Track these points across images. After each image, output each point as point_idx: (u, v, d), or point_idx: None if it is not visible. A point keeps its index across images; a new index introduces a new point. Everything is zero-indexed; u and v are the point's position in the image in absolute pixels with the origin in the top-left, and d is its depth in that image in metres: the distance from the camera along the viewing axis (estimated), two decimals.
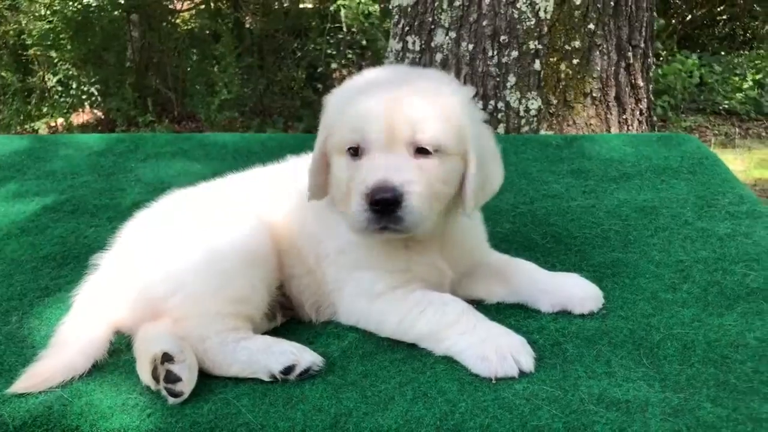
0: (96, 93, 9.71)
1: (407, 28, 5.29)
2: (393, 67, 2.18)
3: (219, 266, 2.01)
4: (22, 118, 9.37)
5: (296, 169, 2.29)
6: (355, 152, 1.96)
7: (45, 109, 9.49)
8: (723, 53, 10.89)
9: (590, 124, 4.94)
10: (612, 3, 4.94)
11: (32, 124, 9.30)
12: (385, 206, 1.85)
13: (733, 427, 1.59)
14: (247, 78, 9.75)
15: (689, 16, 11.37)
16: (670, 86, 9.56)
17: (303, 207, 2.18)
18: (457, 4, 5.00)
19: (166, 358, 1.80)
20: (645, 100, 5.31)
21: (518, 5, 4.89)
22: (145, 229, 2.19)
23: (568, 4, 4.86)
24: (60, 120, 9.49)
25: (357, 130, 1.94)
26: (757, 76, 9.70)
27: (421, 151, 1.94)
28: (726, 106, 9.44)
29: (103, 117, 9.74)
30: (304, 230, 2.18)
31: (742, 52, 10.90)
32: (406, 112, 1.93)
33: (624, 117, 5.11)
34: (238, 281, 2.00)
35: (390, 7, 6.02)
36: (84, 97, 9.67)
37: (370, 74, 2.15)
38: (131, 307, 2.06)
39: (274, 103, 9.91)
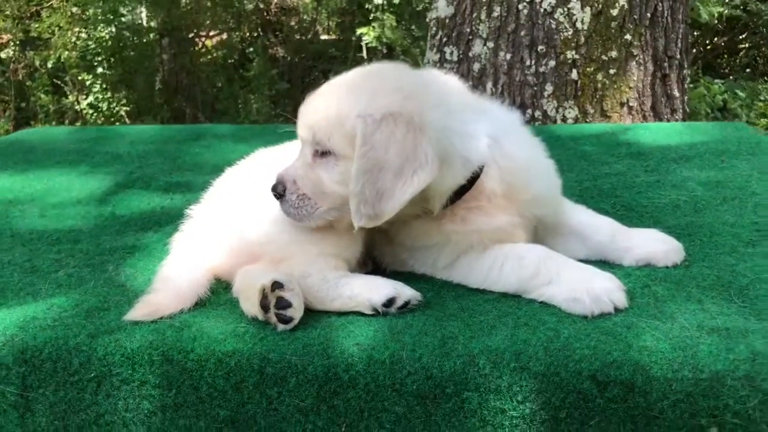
0: (125, 115, 9.89)
1: (445, 39, 5.41)
2: (359, 69, 2.17)
3: None
4: None
5: None
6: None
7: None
8: (745, 81, 10.99)
9: None
10: (648, 14, 5.04)
11: None
12: (278, 196, 2.04)
13: None
14: (274, 101, 9.92)
15: (710, 45, 11.52)
16: (695, 111, 9.64)
17: None
18: (495, 14, 5.12)
19: (277, 285, 1.86)
20: (680, 111, 5.38)
21: (556, 16, 5.00)
22: (237, 182, 2.27)
23: (605, 15, 4.97)
24: None
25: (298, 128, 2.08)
26: None
27: (319, 152, 2.01)
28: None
29: None
30: None
31: (765, 79, 11.01)
32: (308, 114, 2.03)
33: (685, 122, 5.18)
34: (335, 228, 2.07)
35: (428, 20, 6.16)
36: (113, 119, 9.85)
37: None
38: (229, 252, 2.13)
39: None
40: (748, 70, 11.75)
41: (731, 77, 11.33)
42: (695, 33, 11.21)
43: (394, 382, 1.71)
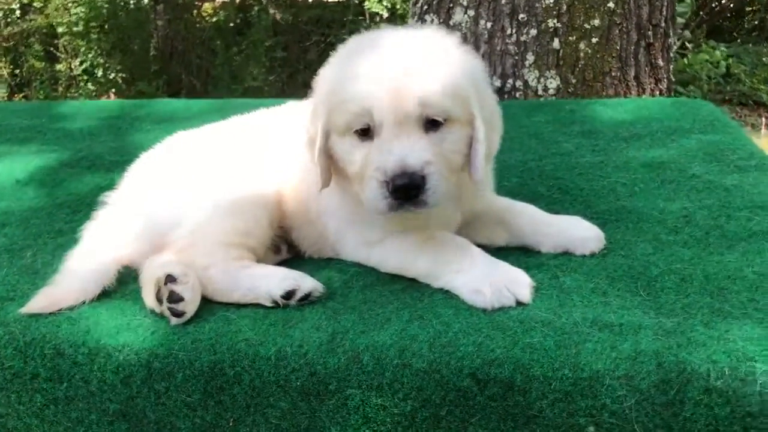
0: (120, 81, 9.87)
1: (425, 7, 5.31)
2: (390, 31, 2.09)
3: (222, 199, 2.06)
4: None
5: (296, 114, 2.30)
6: (364, 132, 1.91)
7: (70, 95, 9.67)
8: (751, 45, 10.75)
9: None
10: None
11: None
12: (406, 192, 1.81)
13: (723, 345, 1.60)
14: (270, 67, 9.86)
15: (717, 7, 11.25)
16: (696, 76, 9.48)
17: (303, 158, 2.16)
18: None
19: (170, 279, 1.85)
20: (665, 80, 5.27)
21: None
22: (150, 168, 2.25)
23: None
24: None
25: (365, 111, 1.87)
26: None
27: (431, 123, 1.89)
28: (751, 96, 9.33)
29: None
30: (305, 182, 2.18)
31: None
32: (414, 86, 1.85)
33: (643, 97, 5.08)
34: (240, 214, 2.05)
35: None
36: (109, 84, 9.84)
37: (365, 40, 2.05)
38: (138, 240, 2.12)
39: (297, 92, 9.99)
40: (755, 33, 11.50)
41: (738, 41, 11.10)
42: None
43: (278, 378, 1.70)
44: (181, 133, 2.38)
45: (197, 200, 2.07)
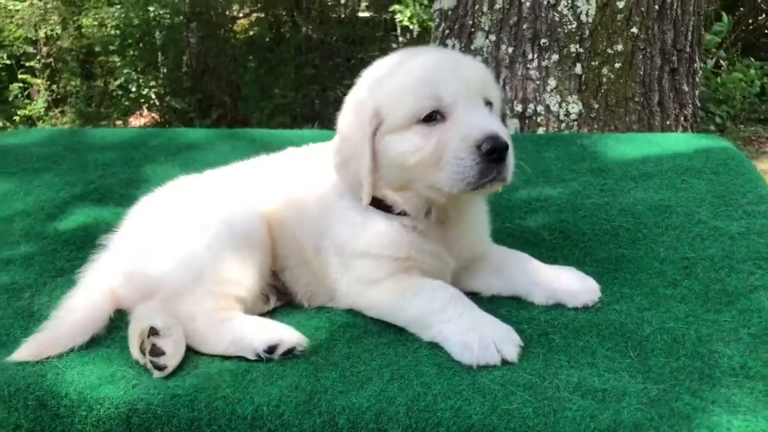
0: (154, 96, 10.02)
1: (447, 32, 5.31)
2: (409, 49, 2.20)
3: (212, 249, 2.06)
4: (84, 120, 9.75)
5: (294, 160, 2.34)
6: (430, 118, 1.97)
7: (104, 111, 9.86)
8: None
9: (632, 129, 4.85)
10: (656, 6, 4.85)
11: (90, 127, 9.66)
12: (498, 154, 1.88)
13: (707, 418, 1.55)
14: (300, 84, 9.92)
15: (753, 24, 11.03)
16: (730, 95, 9.28)
17: (302, 199, 2.21)
18: (497, 7, 4.99)
19: (152, 332, 1.86)
20: (690, 105, 5.18)
21: (559, 8, 4.85)
22: (146, 213, 2.27)
23: (611, 8, 4.79)
24: (119, 122, 9.83)
25: (433, 93, 1.95)
26: None
27: (488, 107, 2.03)
28: None
29: (159, 120, 10.04)
30: (302, 222, 2.20)
31: None
32: (474, 68, 2.04)
33: (667, 123, 5.00)
34: (229, 263, 2.05)
35: (432, 10, 6.04)
36: (142, 100, 10.00)
37: (396, 57, 2.13)
38: (130, 286, 2.14)
39: (325, 110, 10.05)
40: None
41: None
42: (737, 12, 10.75)
43: None
44: (182, 178, 2.39)
45: (188, 249, 2.07)
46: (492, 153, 1.87)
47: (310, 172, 2.24)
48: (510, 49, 5.01)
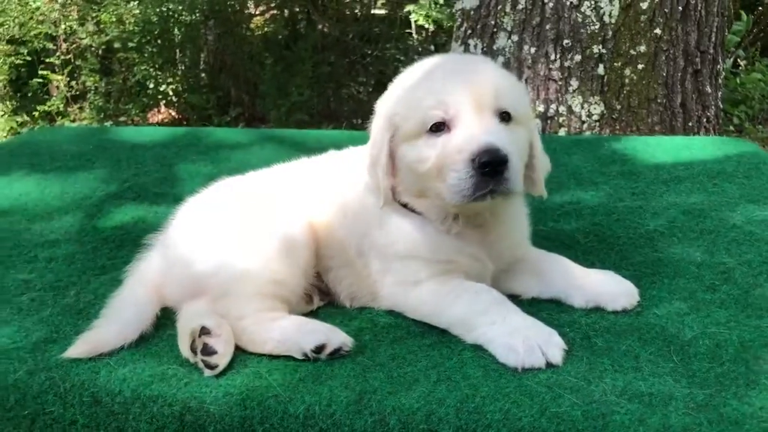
0: (171, 93, 10.07)
1: (470, 32, 5.32)
2: (443, 55, 2.24)
3: (258, 250, 2.10)
4: (102, 116, 9.82)
5: (337, 162, 2.38)
6: (438, 128, 1.99)
7: (122, 107, 9.91)
8: None
9: (654, 131, 4.86)
10: (680, 8, 4.85)
11: (110, 123, 9.73)
12: (493, 168, 1.88)
13: (757, 424, 1.57)
14: (316, 82, 9.94)
15: None
16: (748, 96, 9.25)
17: (345, 201, 2.25)
18: (520, 7, 5.00)
19: (204, 331, 1.90)
20: (713, 107, 5.18)
21: (582, 9, 4.86)
22: (193, 214, 2.31)
23: (634, 9, 4.80)
24: (137, 119, 9.89)
25: (440, 103, 1.96)
26: None
27: (503, 118, 1.99)
28: None
29: (177, 117, 10.10)
30: (345, 223, 2.24)
31: None
32: (487, 79, 2.00)
33: (689, 124, 5.00)
34: (275, 265, 2.09)
35: (453, 10, 6.05)
36: (160, 96, 10.05)
37: (425, 63, 2.16)
38: (177, 285, 2.17)
39: (342, 107, 10.08)
40: None
41: None
42: (756, 11, 10.69)
43: None
44: (226, 180, 2.43)
45: (234, 249, 2.11)
46: (486, 166, 1.88)
47: (352, 175, 2.27)
48: (532, 50, 5.02)
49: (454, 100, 1.96)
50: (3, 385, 1.90)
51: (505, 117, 2.00)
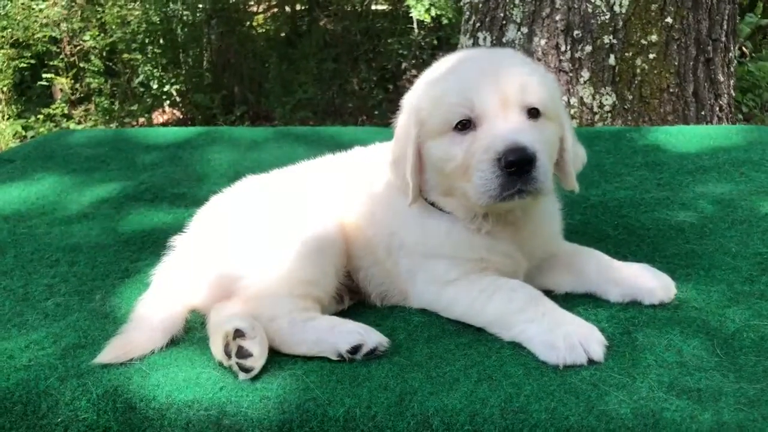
0: (175, 93, 10.03)
1: (478, 24, 5.28)
2: (471, 49, 2.20)
3: (290, 250, 2.06)
4: (108, 118, 9.78)
5: (364, 159, 2.33)
6: (464, 126, 1.95)
7: (126, 108, 9.87)
8: None
9: (667, 121, 4.81)
10: None
11: (115, 124, 9.70)
12: (520, 167, 1.83)
13: None
14: (320, 79, 9.90)
15: None
16: (756, 84, 9.20)
17: (372, 199, 2.21)
18: None
19: (238, 334, 1.86)
20: (726, 96, 5.14)
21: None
22: (220, 214, 2.27)
23: None
24: (142, 120, 9.85)
25: (466, 101, 1.93)
26: None
27: (531, 114, 1.94)
28: None
29: (181, 117, 10.06)
30: (374, 222, 2.20)
31: None
32: (513, 75, 1.94)
33: (702, 113, 4.95)
34: (307, 265, 2.05)
35: (461, 3, 6.00)
36: (164, 97, 10.01)
37: (452, 58, 2.12)
38: (206, 286, 2.14)
39: (346, 104, 10.04)
40: None
41: None
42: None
43: None
44: (250, 178, 2.39)
45: (265, 250, 2.08)
46: (512, 166, 1.83)
47: (379, 172, 2.23)
48: (542, 41, 4.98)
49: (479, 97, 1.92)
50: (34, 392, 1.86)
51: (533, 113, 1.95)
